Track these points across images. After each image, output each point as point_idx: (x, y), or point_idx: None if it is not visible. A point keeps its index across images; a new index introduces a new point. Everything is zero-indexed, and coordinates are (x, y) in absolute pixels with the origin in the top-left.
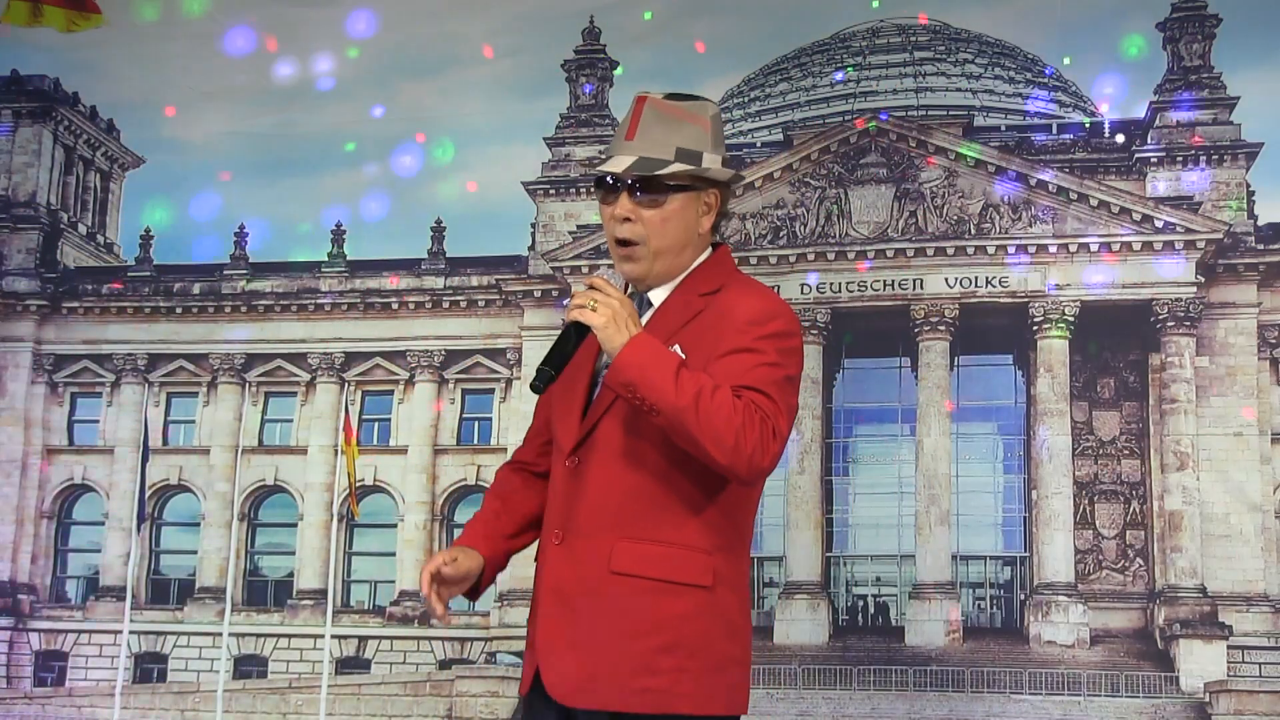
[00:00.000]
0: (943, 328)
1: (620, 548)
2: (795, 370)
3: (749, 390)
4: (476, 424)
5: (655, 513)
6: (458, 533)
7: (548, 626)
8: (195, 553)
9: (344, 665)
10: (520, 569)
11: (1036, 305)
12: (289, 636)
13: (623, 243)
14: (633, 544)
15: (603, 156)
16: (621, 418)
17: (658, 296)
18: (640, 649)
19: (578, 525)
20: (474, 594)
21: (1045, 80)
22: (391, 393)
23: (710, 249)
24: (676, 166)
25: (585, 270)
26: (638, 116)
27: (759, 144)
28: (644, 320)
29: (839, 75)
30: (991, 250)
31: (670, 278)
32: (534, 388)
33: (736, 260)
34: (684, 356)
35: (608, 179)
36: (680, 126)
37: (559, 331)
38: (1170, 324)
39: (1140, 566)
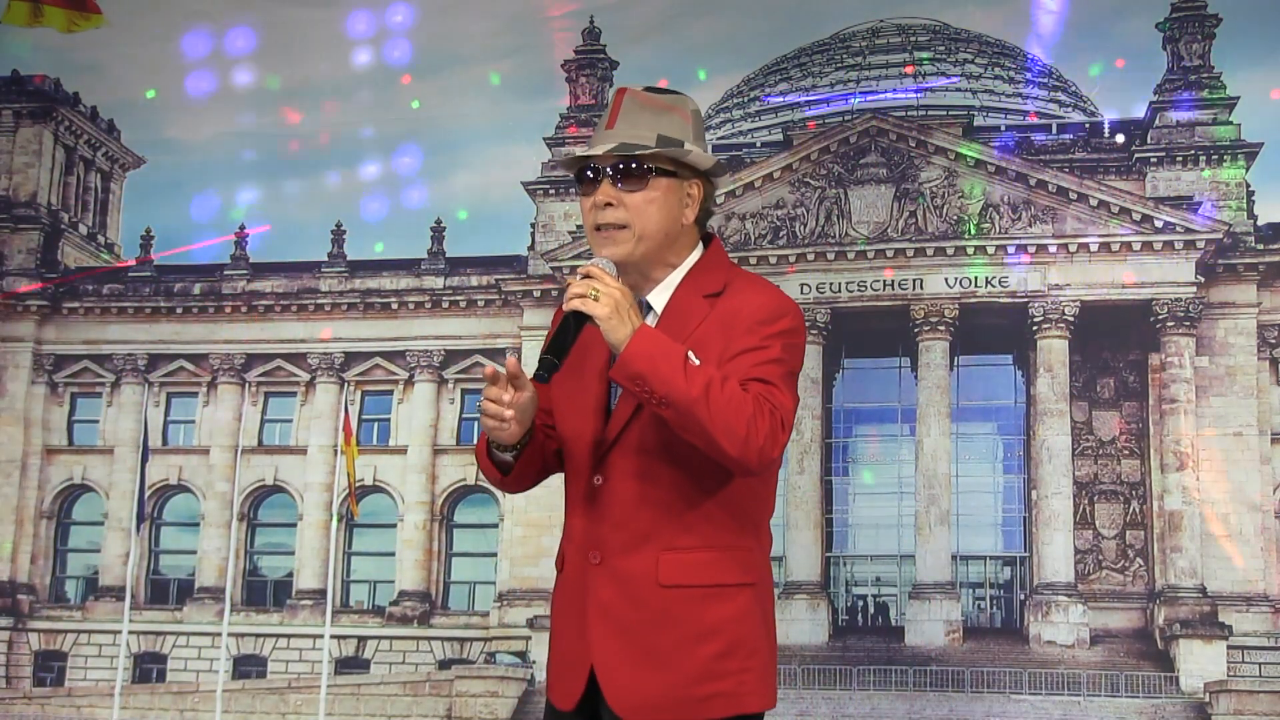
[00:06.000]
0: (942, 328)
1: (665, 560)
2: (798, 366)
3: (756, 382)
4: (476, 424)
5: (689, 520)
6: (458, 533)
7: (604, 647)
8: (195, 553)
9: (343, 665)
10: (520, 569)
11: (1036, 305)
12: (288, 636)
13: (603, 228)
14: (676, 554)
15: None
16: (643, 427)
17: (658, 299)
18: (703, 656)
19: (615, 543)
20: (516, 456)
21: (1045, 80)
22: (391, 393)
23: (701, 245)
24: (658, 150)
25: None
26: (618, 106)
27: (759, 144)
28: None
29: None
30: (991, 250)
31: (663, 276)
32: (539, 377)
33: (736, 261)
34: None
35: (588, 172)
36: (661, 115)
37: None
38: (1170, 324)
39: (1140, 566)
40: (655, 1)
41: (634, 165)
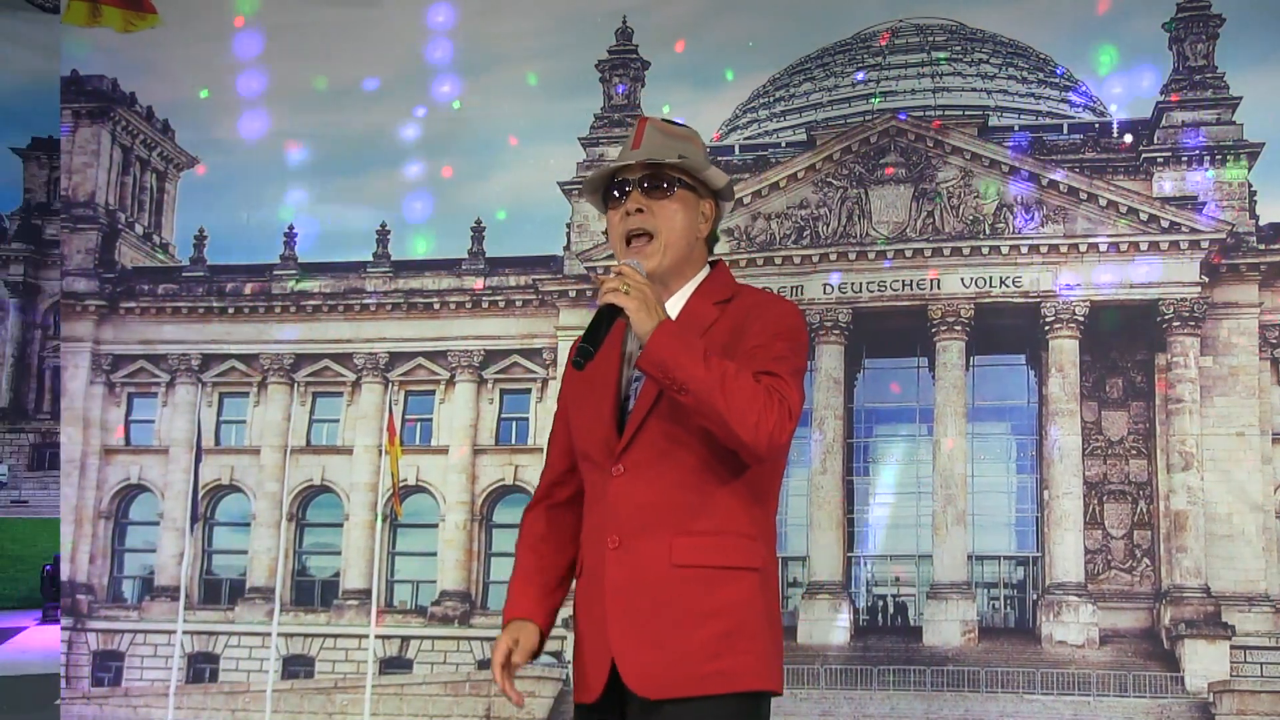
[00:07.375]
0: (959, 328)
1: (679, 543)
2: (803, 365)
3: (765, 375)
4: (514, 424)
5: (703, 506)
6: (497, 534)
7: (620, 627)
8: (246, 553)
9: (387, 665)
10: None
11: (1048, 305)
12: (335, 636)
13: (634, 236)
14: (689, 538)
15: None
16: (660, 420)
17: (672, 308)
18: (708, 634)
19: (634, 527)
20: (532, 658)
21: (1056, 80)
22: (433, 393)
23: (709, 267)
24: (681, 162)
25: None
26: (641, 131)
27: (783, 144)
28: None
29: (860, 75)
30: (1005, 250)
31: (679, 287)
32: (576, 364)
33: (762, 260)
34: None
35: (614, 192)
36: (679, 141)
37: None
38: (1176, 324)
39: (1147, 566)
40: (684, 2)
41: (660, 179)
